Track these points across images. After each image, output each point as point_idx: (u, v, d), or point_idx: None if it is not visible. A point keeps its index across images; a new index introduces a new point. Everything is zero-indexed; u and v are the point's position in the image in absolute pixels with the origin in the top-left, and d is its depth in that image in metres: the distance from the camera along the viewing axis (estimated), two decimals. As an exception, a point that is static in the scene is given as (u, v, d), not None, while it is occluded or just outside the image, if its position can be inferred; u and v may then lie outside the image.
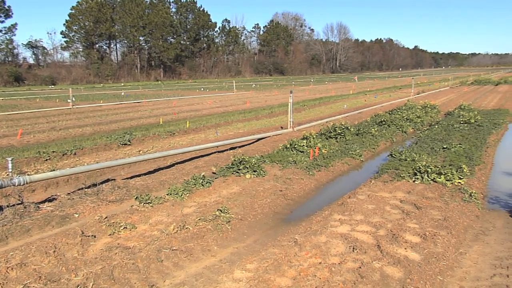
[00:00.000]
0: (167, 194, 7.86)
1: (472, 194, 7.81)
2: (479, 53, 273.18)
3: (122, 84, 72.42)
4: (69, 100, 27.67)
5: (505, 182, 9.39)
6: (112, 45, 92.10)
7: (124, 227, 6.15)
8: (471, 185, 8.50)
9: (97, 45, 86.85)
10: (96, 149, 12.94)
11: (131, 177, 9.67)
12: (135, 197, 7.60)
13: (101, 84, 70.71)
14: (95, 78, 77.60)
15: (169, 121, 20.01)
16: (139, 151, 12.88)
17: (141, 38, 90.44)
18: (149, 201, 7.35)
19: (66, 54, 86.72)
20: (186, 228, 6.26)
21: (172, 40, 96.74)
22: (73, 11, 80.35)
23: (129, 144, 13.89)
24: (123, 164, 10.17)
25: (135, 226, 6.27)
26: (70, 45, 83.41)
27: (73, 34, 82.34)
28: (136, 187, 8.73)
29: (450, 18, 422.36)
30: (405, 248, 5.53)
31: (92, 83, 73.68)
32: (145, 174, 10.12)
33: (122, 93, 42.09)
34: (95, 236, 5.89)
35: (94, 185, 8.67)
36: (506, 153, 12.73)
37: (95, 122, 19.63)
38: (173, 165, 11.16)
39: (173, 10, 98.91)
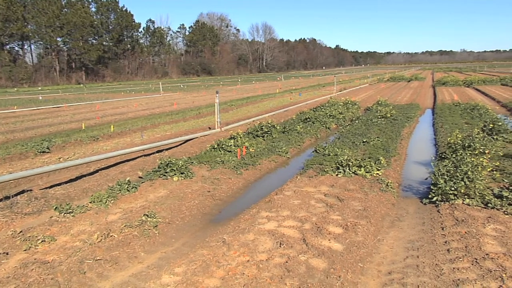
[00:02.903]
0: (90, 202, 7.53)
1: (389, 184, 8.38)
2: (394, 52, 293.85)
3: (40, 88, 67.74)
4: (-23, 107, 25.33)
5: (416, 171, 10.16)
6: (26, 46, 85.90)
7: (42, 241, 5.78)
8: (387, 176, 9.11)
9: (7, 46, 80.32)
10: (10, 158, 11.99)
11: (50, 187, 9.10)
12: (54, 207, 7.16)
13: (15, 89, 65.54)
14: (7, 82, 71.69)
15: (92, 126, 19.11)
16: (60, 158, 12.15)
17: (59, 39, 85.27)
18: (70, 210, 6.98)
19: (-29, 55, 79.18)
20: (111, 236, 6.03)
21: (94, 41, 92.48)
22: (-23, 9, 73.51)
23: (48, 152, 13.05)
24: (40, 173, 9.50)
25: (54, 239, 5.92)
26: (-24, 46, 76.28)
27: (-22, 34, 75.36)
28: (56, 197, 8.24)
29: (368, 19, 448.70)
30: (329, 240, 5.79)
31: (4, 87, 67.99)
32: (66, 182, 9.58)
33: (40, 98, 39.50)
34: (7, 253, 5.46)
35: (7, 197, 8.04)
36: (417, 145, 13.78)
37: (8, 130, 18.16)
38: (96, 171, 10.68)
39: (93, 9, 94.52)
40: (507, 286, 4.36)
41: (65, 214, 6.85)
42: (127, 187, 8.27)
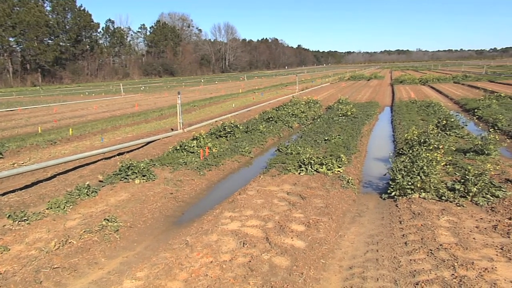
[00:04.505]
0: (47, 208, 7.27)
1: (350, 181, 8.58)
2: (354, 52, 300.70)
3: (-9, 90, 64.70)
4: None
5: (376, 167, 10.45)
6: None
7: (-5, 251, 5.53)
8: (348, 173, 9.32)
9: (-45, 47, 76.28)
10: (-41, 165, 11.38)
11: (3, 194, 8.71)
12: (7, 215, 6.86)
13: (-36, 92, 62.27)
14: (-45, 85, 68.06)
15: (50, 129, 18.46)
16: (14, 164, 11.65)
17: (11, 39, 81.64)
18: (26, 218, 6.71)
19: None
20: (70, 242, 5.85)
21: (50, 41, 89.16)
22: None
23: (1, 157, 12.50)
24: (-7, 180, 9.11)
25: (7, 248, 5.67)
26: None
27: None
28: (10, 205, 7.89)
29: (329, 19, 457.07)
30: (292, 238, 5.86)
31: (-48, 90, 64.45)
32: (21, 189, 9.19)
33: (-9, 101, 37.68)
34: (-43, 265, 5.19)
35: (-43, 206, 7.63)
36: (377, 141, 14.17)
37: (-43, 135, 17.22)
38: (54, 176, 10.31)
39: (48, 8, 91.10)
40: (459, 274, 4.57)
41: (19, 222, 6.58)
42: (87, 192, 8.04)
